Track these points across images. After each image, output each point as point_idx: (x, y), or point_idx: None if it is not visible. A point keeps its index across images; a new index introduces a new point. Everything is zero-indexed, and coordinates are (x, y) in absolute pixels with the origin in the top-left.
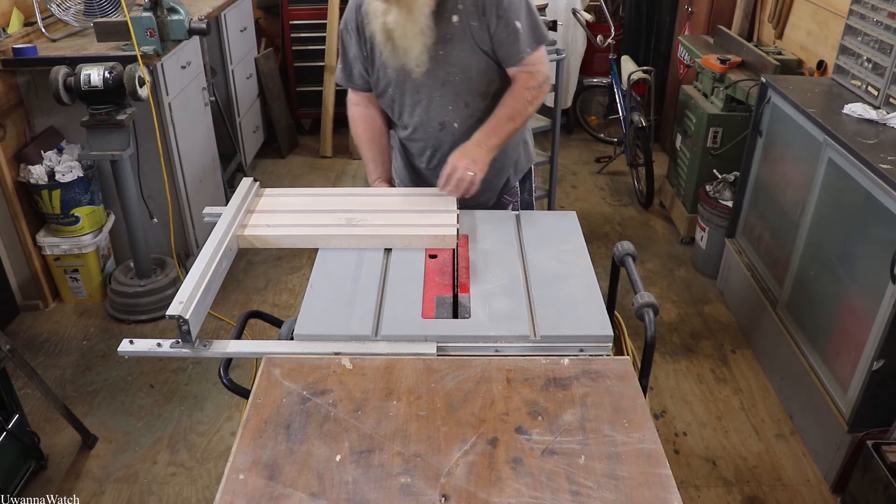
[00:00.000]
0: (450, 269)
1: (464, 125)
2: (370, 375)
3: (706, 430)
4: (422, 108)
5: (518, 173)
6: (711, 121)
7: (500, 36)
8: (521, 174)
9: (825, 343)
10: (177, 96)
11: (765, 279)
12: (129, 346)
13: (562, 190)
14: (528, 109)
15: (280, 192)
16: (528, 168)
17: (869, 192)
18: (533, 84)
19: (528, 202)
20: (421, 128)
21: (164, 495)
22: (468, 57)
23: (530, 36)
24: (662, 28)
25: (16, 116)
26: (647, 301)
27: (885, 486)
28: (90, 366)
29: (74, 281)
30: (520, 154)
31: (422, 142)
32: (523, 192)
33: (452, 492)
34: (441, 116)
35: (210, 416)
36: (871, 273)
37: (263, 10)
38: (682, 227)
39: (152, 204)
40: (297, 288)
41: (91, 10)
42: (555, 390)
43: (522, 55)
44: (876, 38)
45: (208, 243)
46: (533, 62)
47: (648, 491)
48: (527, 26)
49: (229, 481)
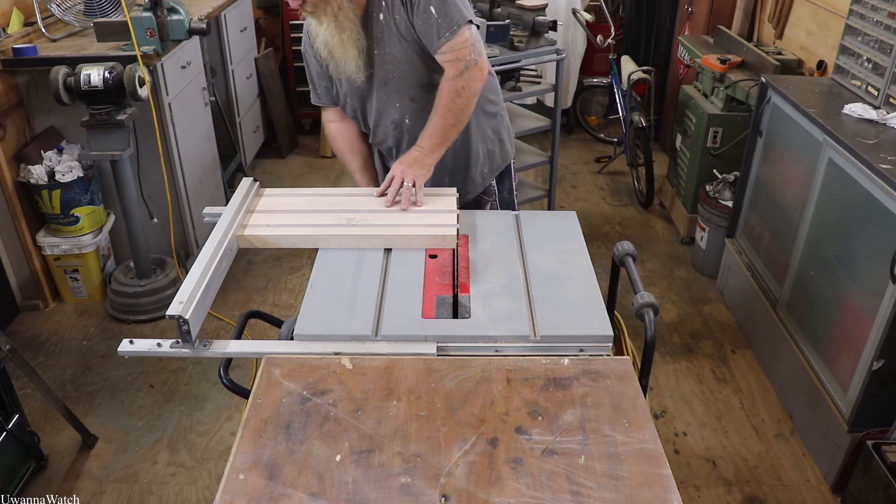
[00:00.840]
0: (450, 269)
1: (414, 119)
2: (370, 375)
3: (706, 430)
4: (375, 111)
5: (493, 171)
6: (711, 121)
7: (419, 24)
8: (497, 172)
9: (825, 343)
10: (177, 96)
11: (765, 279)
12: (129, 346)
13: (562, 190)
14: (459, 102)
15: (280, 192)
16: (504, 166)
17: (869, 192)
18: (454, 73)
19: (509, 201)
20: (379, 130)
21: (164, 495)
22: (400, 52)
23: (447, 19)
24: (662, 28)
25: (16, 116)
26: (647, 301)
27: (885, 486)
28: (90, 366)
29: (74, 281)
30: (494, 152)
31: (385, 143)
32: (502, 192)
33: (452, 492)
34: (391, 115)
35: (210, 416)
36: (871, 273)
37: (263, 10)
38: (682, 227)
39: (152, 204)
40: (297, 288)
41: (91, 10)
42: (555, 390)
43: (441, 41)
44: (876, 38)
45: (208, 243)
46: (453, 48)
47: (648, 491)
48: (442, 10)
49: (229, 481)
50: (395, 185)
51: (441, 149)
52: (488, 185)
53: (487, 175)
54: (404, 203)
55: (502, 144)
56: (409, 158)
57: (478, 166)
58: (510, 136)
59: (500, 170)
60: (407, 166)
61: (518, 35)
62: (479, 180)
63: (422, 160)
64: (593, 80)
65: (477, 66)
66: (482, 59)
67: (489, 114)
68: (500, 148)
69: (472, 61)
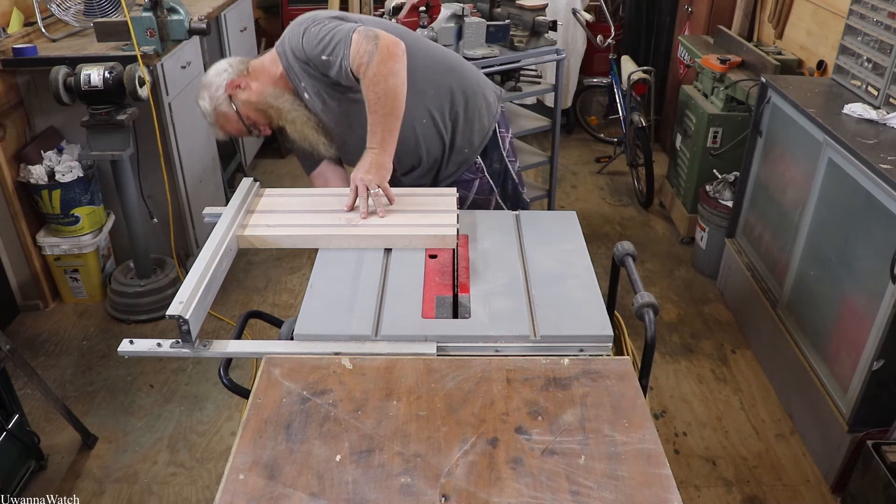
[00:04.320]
0: (450, 269)
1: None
2: (370, 375)
3: (706, 430)
4: (353, 150)
5: (473, 147)
6: (711, 121)
7: (331, 72)
8: (478, 145)
9: (825, 343)
10: (177, 96)
11: (765, 279)
12: (129, 346)
13: (562, 190)
14: (379, 88)
15: (280, 192)
16: (486, 137)
17: (869, 192)
18: (363, 71)
19: (500, 171)
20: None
21: (164, 495)
22: (338, 104)
23: (332, 44)
24: (662, 28)
25: (16, 116)
26: (647, 301)
27: (885, 486)
28: (90, 366)
29: (74, 281)
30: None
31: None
32: (492, 163)
33: (452, 492)
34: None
35: (210, 416)
36: (871, 273)
37: (263, 10)
38: (682, 227)
39: (152, 204)
40: (297, 288)
41: (91, 10)
42: (555, 390)
43: (343, 65)
44: (876, 38)
45: (208, 243)
46: (351, 57)
47: (648, 491)
48: (324, 42)
49: (229, 481)
50: (363, 195)
51: (390, 141)
52: (473, 162)
53: (468, 151)
54: (380, 212)
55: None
56: (365, 164)
57: (464, 145)
58: (488, 110)
59: (483, 141)
60: (365, 172)
61: (518, 35)
62: (469, 159)
63: (378, 160)
64: (593, 80)
65: (378, 49)
66: (381, 38)
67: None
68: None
69: (370, 51)
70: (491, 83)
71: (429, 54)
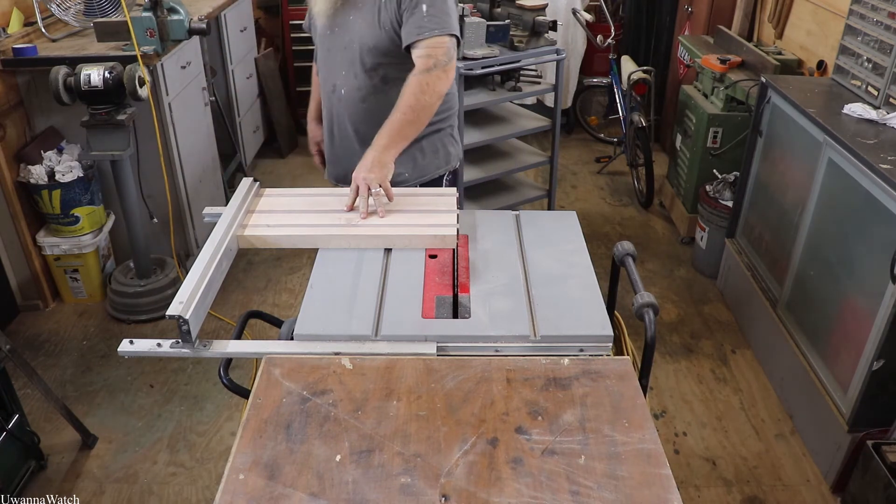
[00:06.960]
0: (450, 269)
1: (348, 95)
2: (370, 375)
3: (706, 430)
4: (327, 67)
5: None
6: (711, 121)
7: (405, 13)
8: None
9: (825, 343)
10: (177, 96)
11: (765, 279)
12: (129, 346)
13: (562, 190)
14: (423, 98)
15: (280, 192)
16: (437, 174)
17: (869, 192)
18: (423, 68)
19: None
20: (324, 87)
21: (164, 495)
22: (367, 30)
23: (436, 21)
24: (662, 28)
25: (16, 116)
26: (647, 301)
27: (885, 486)
28: (90, 366)
29: (74, 281)
30: (415, 156)
31: (325, 108)
32: None
33: (452, 492)
34: (335, 78)
35: (210, 416)
36: (871, 273)
37: (263, 10)
38: (682, 227)
39: (152, 204)
40: (297, 288)
41: (91, 10)
42: (555, 390)
43: (422, 37)
44: (876, 38)
45: (208, 243)
46: (431, 45)
47: (648, 491)
48: (433, 11)
49: (229, 481)
50: (363, 195)
51: (398, 145)
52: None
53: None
54: (380, 212)
55: (436, 154)
56: (367, 162)
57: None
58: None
59: (428, 178)
60: (367, 171)
61: (518, 35)
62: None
63: (380, 160)
64: (593, 80)
65: (445, 69)
66: (452, 64)
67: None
68: (432, 155)
69: (444, 62)
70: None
71: None
